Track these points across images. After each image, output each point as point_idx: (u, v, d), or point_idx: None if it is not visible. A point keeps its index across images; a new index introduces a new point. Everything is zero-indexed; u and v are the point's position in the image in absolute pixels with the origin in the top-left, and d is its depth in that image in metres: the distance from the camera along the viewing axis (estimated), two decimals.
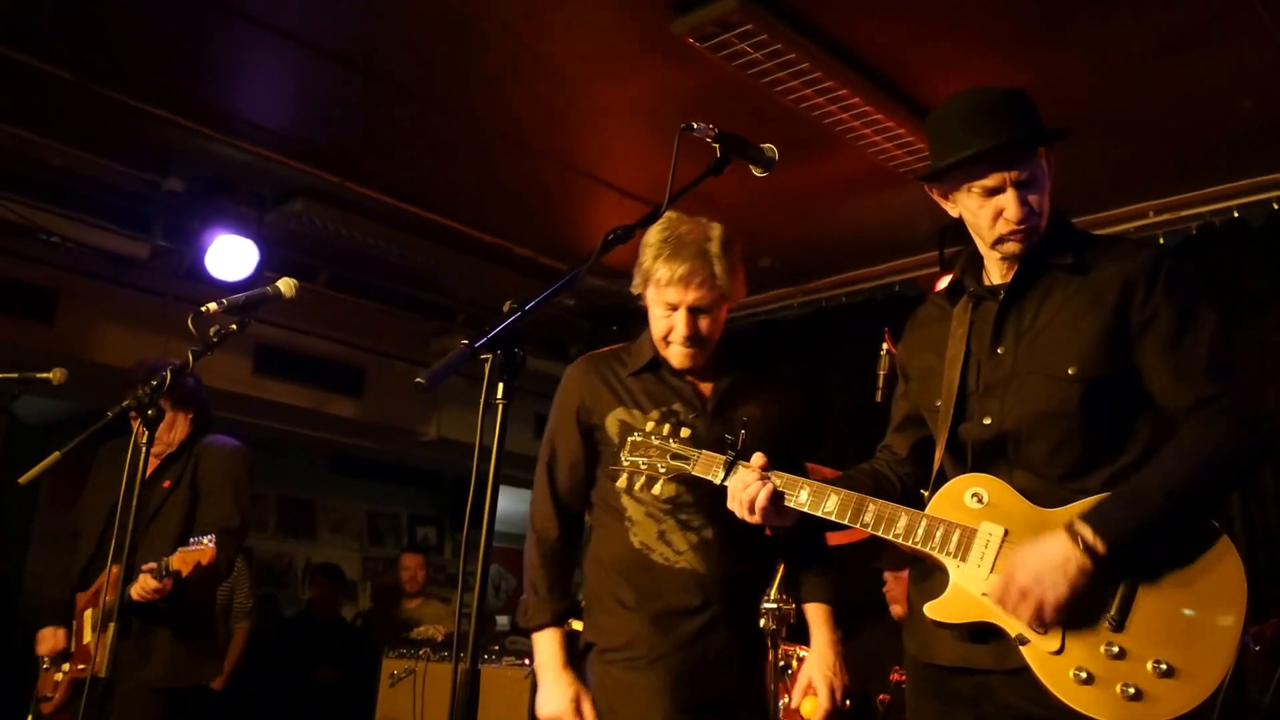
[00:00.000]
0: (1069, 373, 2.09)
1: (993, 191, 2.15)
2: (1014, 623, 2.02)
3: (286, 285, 2.95)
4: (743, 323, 6.77)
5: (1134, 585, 1.98)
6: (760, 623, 2.70)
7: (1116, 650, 1.95)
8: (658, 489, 2.52)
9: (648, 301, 2.77)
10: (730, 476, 2.29)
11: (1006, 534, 2.07)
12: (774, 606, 3.39)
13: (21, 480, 3.09)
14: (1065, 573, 1.95)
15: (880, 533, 2.16)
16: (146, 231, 5.60)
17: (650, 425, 2.62)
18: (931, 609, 2.11)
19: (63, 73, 4.41)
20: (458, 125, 4.84)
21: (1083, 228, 2.31)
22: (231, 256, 5.39)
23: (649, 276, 2.70)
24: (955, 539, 2.10)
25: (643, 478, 2.41)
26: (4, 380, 3.87)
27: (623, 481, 2.67)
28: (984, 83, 2.25)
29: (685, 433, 2.40)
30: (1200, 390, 2.04)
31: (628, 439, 2.44)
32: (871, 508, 2.18)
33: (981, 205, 2.17)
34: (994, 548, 2.07)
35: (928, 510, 2.16)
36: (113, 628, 2.70)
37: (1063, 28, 3.94)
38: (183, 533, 3.70)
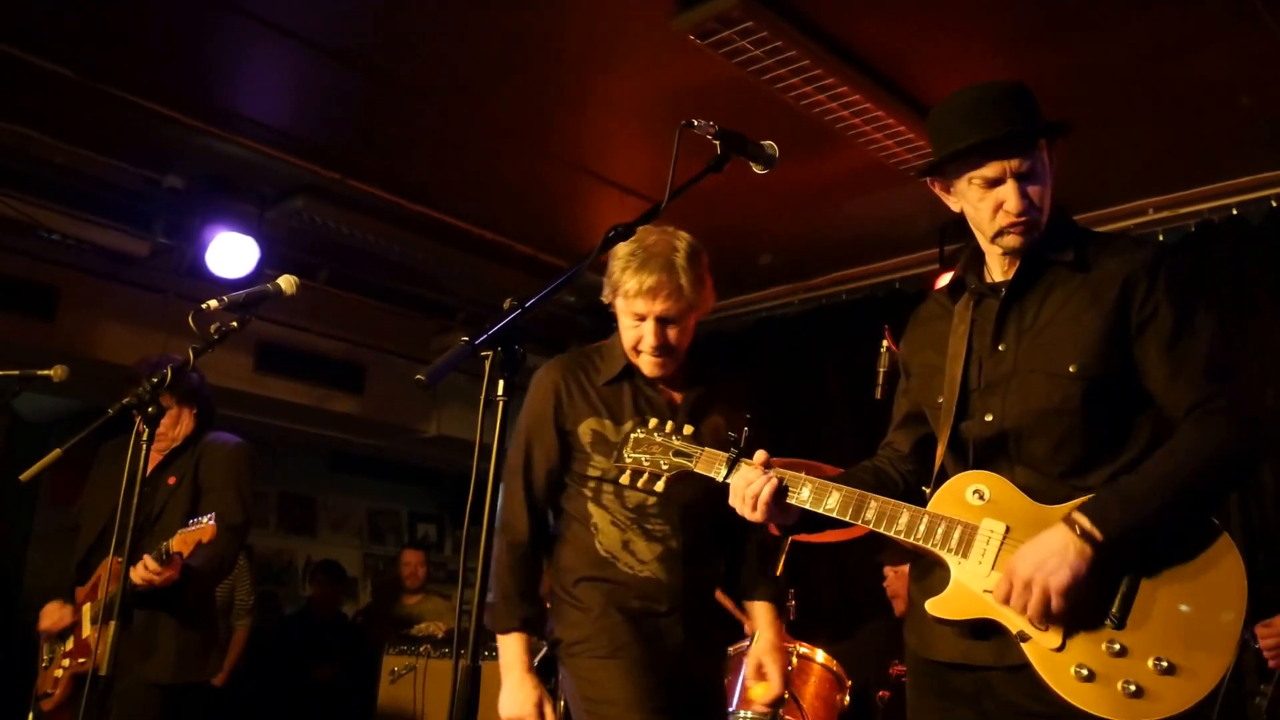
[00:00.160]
0: (1070, 370, 2.10)
1: (993, 183, 2.15)
2: (1015, 619, 2.02)
3: (287, 282, 2.96)
4: (743, 320, 6.79)
5: (1135, 583, 1.98)
6: (717, 623, 2.86)
7: (1118, 647, 1.95)
8: (638, 491, 2.55)
9: (617, 311, 2.82)
10: (733, 473, 2.29)
11: (1008, 531, 2.07)
12: None
13: (22, 477, 3.09)
14: (1065, 559, 1.95)
15: (882, 529, 2.16)
16: (147, 229, 5.59)
17: (628, 427, 2.65)
18: (933, 605, 2.12)
19: (64, 70, 4.41)
20: (458, 122, 4.84)
21: (1082, 225, 2.31)
22: (232, 254, 5.39)
23: (617, 287, 2.75)
24: (957, 535, 2.11)
25: (645, 475, 2.41)
26: (5, 377, 3.88)
27: (590, 487, 2.78)
28: (984, 80, 2.24)
29: (688, 430, 2.41)
30: (1199, 390, 2.04)
31: (630, 435, 2.44)
32: (873, 505, 2.18)
33: (982, 198, 2.17)
34: (995, 544, 2.08)
35: (929, 507, 2.17)
36: (113, 624, 2.70)
37: (1063, 25, 3.94)
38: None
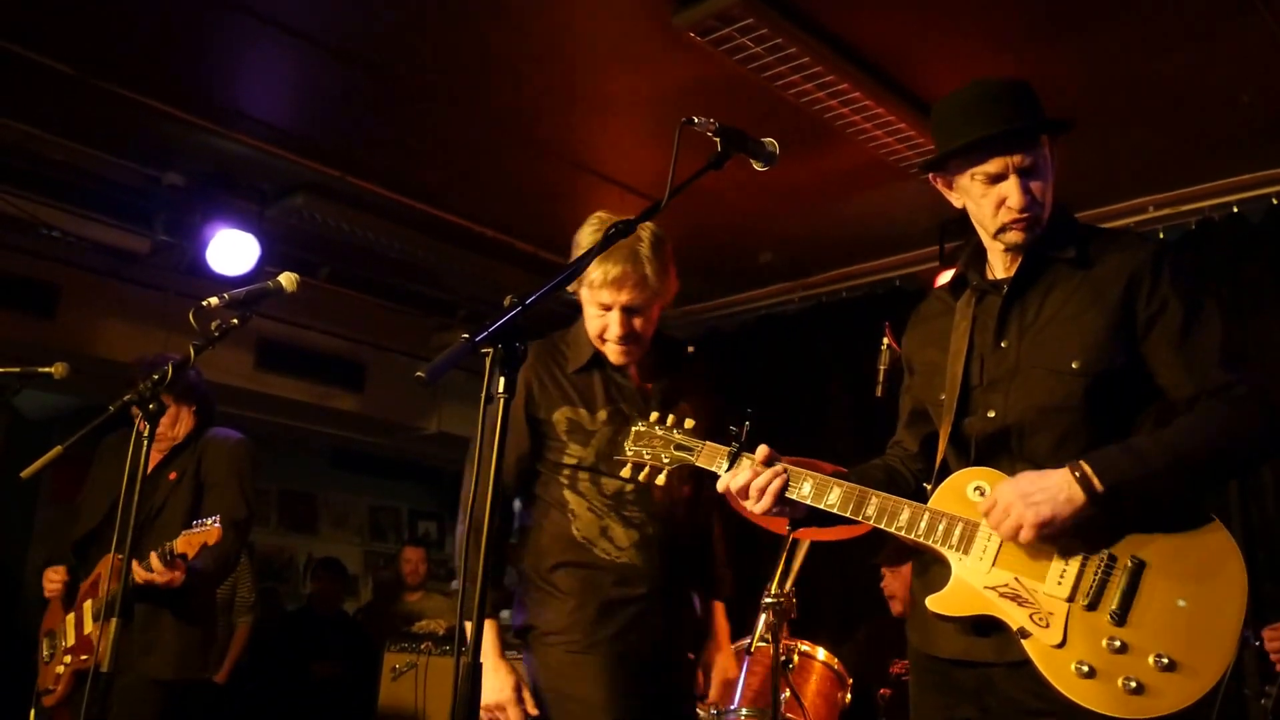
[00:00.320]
0: (1073, 366, 2.10)
1: (995, 179, 2.15)
2: (1016, 616, 2.03)
3: (288, 280, 2.96)
4: (743, 317, 6.79)
5: (1136, 579, 1.98)
6: (692, 611, 2.88)
7: (1118, 644, 1.95)
8: (615, 479, 2.60)
9: (582, 300, 2.83)
10: (734, 468, 2.29)
11: None
12: (775, 601, 3.43)
13: (23, 474, 3.10)
14: (1053, 498, 1.97)
15: (883, 526, 2.16)
16: (148, 226, 5.59)
17: (603, 415, 2.77)
18: (934, 602, 2.12)
19: (63, 67, 4.41)
20: (459, 120, 4.84)
21: (1082, 221, 2.31)
22: (233, 251, 5.39)
23: (582, 278, 2.75)
24: (958, 532, 2.11)
25: (646, 468, 2.41)
26: (6, 375, 3.88)
27: (566, 475, 2.79)
28: (985, 76, 2.25)
29: (689, 424, 2.41)
30: (1216, 379, 2.04)
31: (630, 429, 2.44)
32: (874, 501, 2.18)
33: (984, 193, 2.17)
34: (996, 541, 2.08)
35: (930, 503, 2.17)
36: (115, 621, 2.69)
37: (1063, 22, 3.94)
38: (188, 525, 3.69)
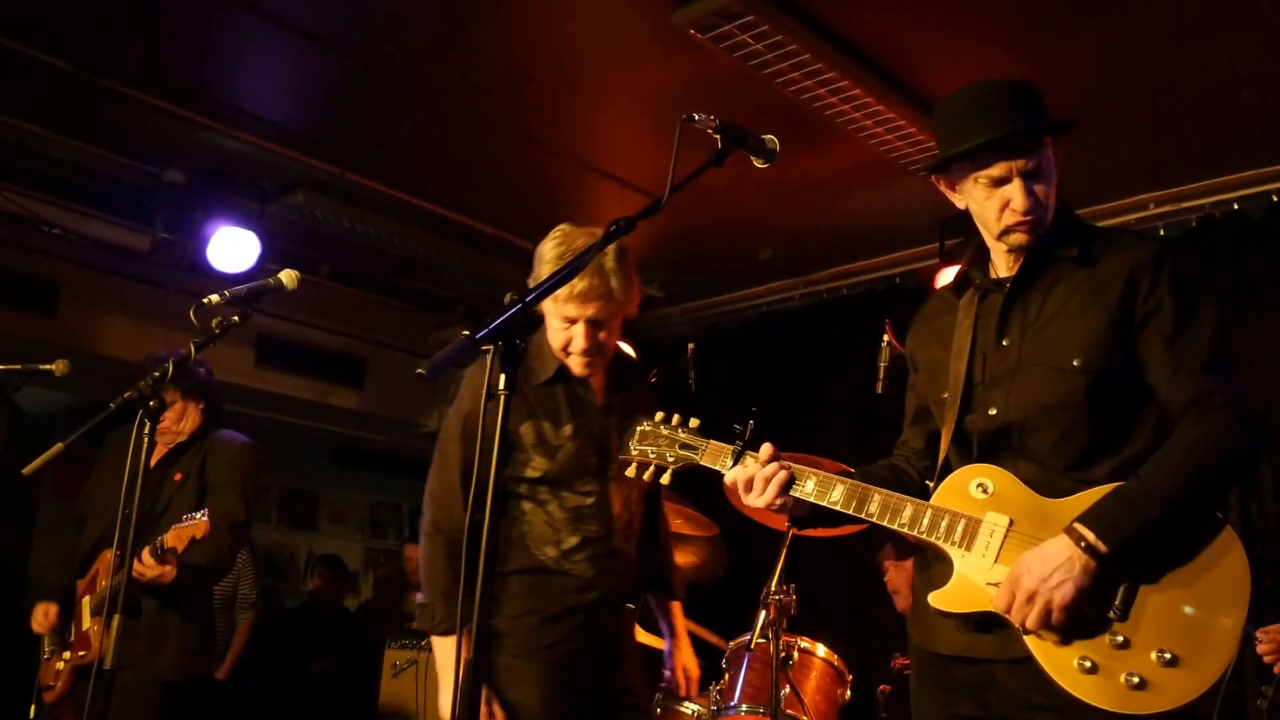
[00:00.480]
0: (1074, 364, 2.10)
1: (999, 182, 2.15)
2: None
3: (288, 277, 2.96)
4: (744, 314, 6.78)
5: (1138, 576, 1.98)
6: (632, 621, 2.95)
7: (1120, 640, 1.95)
8: (575, 494, 2.67)
9: (545, 313, 2.81)
10: (738, 465, 2.29)
11: (1011, 524, 2.07)
12: (775, 598, 3.43)
13: (25, 471, 3.09)
14: (1070, 573, 1.95)
15: (885, 523, 2.16)
16: (148, 223, 5.59)
17: (568, 430, 2.78)
18: (936, 598, 2.12)
19: (64, 64, 4.40)
20: (459, 117, 4.84)
21: (1084, 220, 2.31)
22: (233, 248, 5.39)
23: None
24: (960, 529, 2.11)
25: (650, 467, 2.40)
26: (6, 372, 3.87)
27: (526, 487, 2.80)
28: (985, 74, 2.24)
29: (694, 422, 2.41)
30: (1198, 386, 2.04)
31: (635, 429, 2.44)
32: (876, 498, 2.18)
33: (988, 196, 2.17)
34: (999, 538, 2.08)
35: (933, 500, 2.17)
36: (118, 618, 2.70)
37: (1064, 19, 3.94)
38: None
